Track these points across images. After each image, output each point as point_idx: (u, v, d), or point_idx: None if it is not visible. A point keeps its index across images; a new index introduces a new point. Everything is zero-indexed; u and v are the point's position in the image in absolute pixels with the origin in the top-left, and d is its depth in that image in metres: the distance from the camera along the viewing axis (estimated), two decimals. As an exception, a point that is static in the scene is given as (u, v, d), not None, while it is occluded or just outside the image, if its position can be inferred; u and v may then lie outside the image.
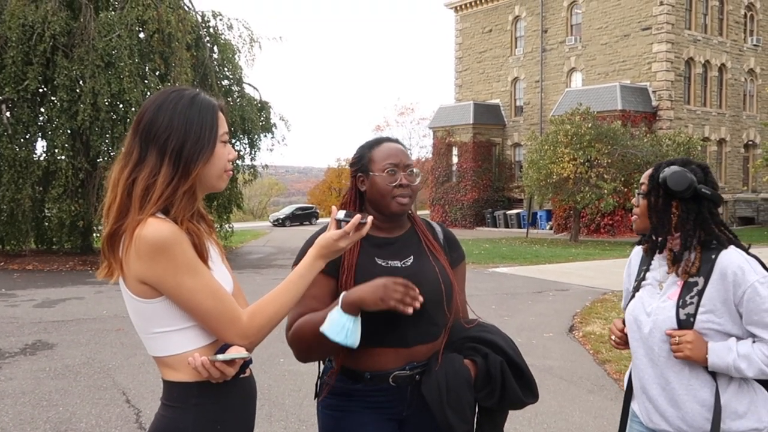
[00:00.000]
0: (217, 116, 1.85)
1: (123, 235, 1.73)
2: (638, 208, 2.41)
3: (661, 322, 2.31)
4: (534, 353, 7.55)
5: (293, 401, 5.93)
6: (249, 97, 22.39)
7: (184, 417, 1.77)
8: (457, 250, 2.45)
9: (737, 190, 35.61)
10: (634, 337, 2.43)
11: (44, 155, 18.45)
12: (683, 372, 2.29)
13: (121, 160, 1.81)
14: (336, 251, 1.90)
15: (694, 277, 2.29)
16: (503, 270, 16.85)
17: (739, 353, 2.20)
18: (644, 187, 2.39)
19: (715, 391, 2.25)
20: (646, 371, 2.38)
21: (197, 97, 1.85)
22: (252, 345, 1.80)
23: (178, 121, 1.78)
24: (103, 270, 1.82)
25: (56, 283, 14.55)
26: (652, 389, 2.37)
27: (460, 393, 2.11)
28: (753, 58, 36.17)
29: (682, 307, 2.28)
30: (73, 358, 7.48)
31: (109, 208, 1.78)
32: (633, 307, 2.45)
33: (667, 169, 2.32)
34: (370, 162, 2.28)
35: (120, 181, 1.77)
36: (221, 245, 1.99)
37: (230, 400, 1.82)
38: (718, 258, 2.27)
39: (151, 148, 1.77)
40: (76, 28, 17.55)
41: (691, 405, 2.28)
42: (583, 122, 25.71)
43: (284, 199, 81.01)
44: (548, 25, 36.57)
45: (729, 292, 2.22)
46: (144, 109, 1.82)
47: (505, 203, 37.94)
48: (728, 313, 2.24)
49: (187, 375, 1.77)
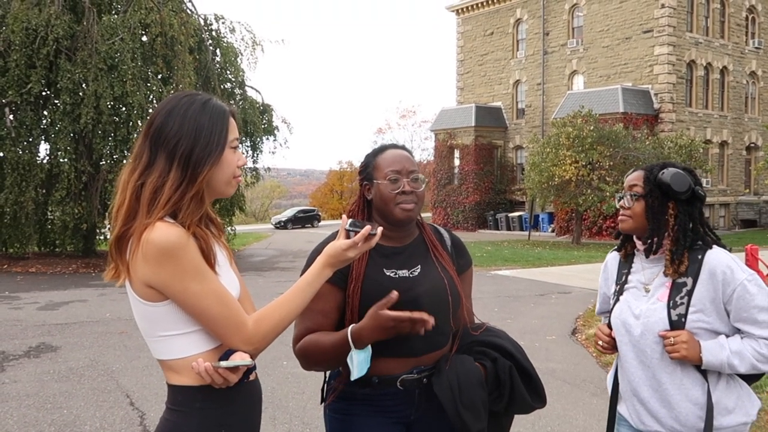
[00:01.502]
0: (228, 122, 1.85)
1: (131, 238, 1.73)
2: (629, 209, 2.41)
3: (653, 324, 2.33)
4: (537, 356, 7.55)
5: (297, 404, 5.94)
6: (251, 100, 22.44)
7: (188, 421, 1.77)
8: (464, 257, 2.45)
9: (739, 193, 35.58)
10: (623, 340, 2.44)
11: (47, 158, 18.48)
12: (675, 372, 2.32)
13: (130, 163, 1.82)
14: (344, 261, 1.90)
15: (682, 278, 2.32)
16: (505, 273, 16.85)
17: (732, 350, 2.25)
18: (638, 188, 2.40)
19: (706, 389, 2.29)
20: (636, 374, 2.39)
21: (209, 102, 1.85)
22: (257, 351, 1.80)
23: (188, 126, 1.78)
24: (111, 272, 1.82)
25: (59, 285, 14.57)
26: (643, 391, 2.38)
27: (473, 392, 2.12)
28: (755, 61, 36.16)
29: (673, 308, 2.31)
30: (76, 360, 7.50)
31: (117, 211, 1.78)
32: (620, 310, 2.46)
33: (666, 171, 2.35)
34: (374, 170, 2.29)
35: (129, 184, 1.77)
36: (230, 249, 1.99)
37: (235, 405, 1.81)
38: (705, 258, 2.32)
39: (160, 152, 1.77)
40: (79, 32, 17.59)
41: (684, 404, 2.30)
42: (584, 125, 25.72)
43: (286, 202, 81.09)
44: (550, 27, 36.59)
45: (718, 291, 2.28)
46: (155, 113, 1.83)
47: (506, 206, 37.93)
48: (716, 312, 2.30)
49: (190, 379, 1.77)
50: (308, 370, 2.25)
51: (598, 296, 2.77)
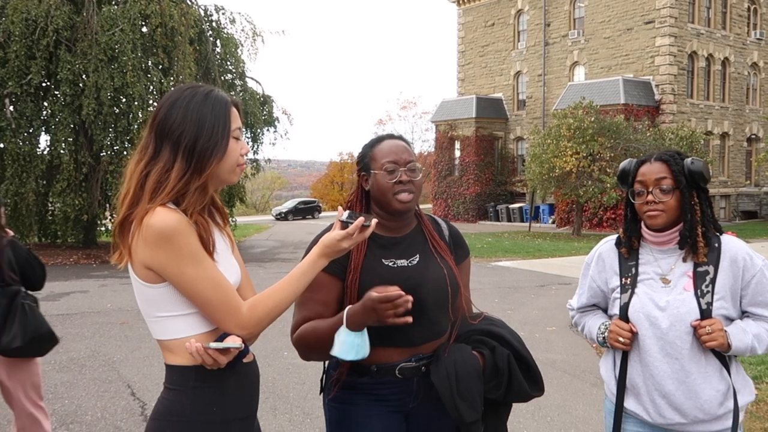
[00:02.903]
0: (230, 112, 1.91)
1: (133, 222, 1.81)
2: (661, 204, 2.33)
3: (684, 315, 2.30)
4: (537, 347, 7.57)
5: (297, 394, 5.96)
6: (252, 91, 22.39)
7: (182, 399, 1.84)
8: (462, 247, 2.46)
9: (740, 184, 35.55)
10: (646, 334, 2.36)
11: (48, 149, 18.47)
12: (701, 362, 2.32)
13: (137, 154, 1.89)
14: (339, 251, 1.93)
15: (703, 266, 2.33)
16: (506, 264, 16.87)
17: (753, 333, 2.29)
18: (668, 181, 2.33)
19: (725, 375, 2.32)
20: (661, 368, 2.34)
21: (211, 93, 1.90)
22: (250, 336, 1.87)
23: (191, 118, 1.85)
24: (116, 255, 1.91)
25: (60, 276, 14.60)
26: (667, 385, 2.34)
27: (470, 382, 2.13)
28: (756, 52, 36.06)
29: (702, 297, 2.30)
30: (78, 351, 7.53)
31: (123, 198, 1.85)
32: (641, 304, 2.38)
33: (690, 161, 2.35)
34: (371, 160, 2.29)
35: (135, 173, 1.85)
36: (233, 237, 2.05)
37: (227, 385, 1.87)
38: (722, 245, 2.35)
39: (165, 143, 1.85)
40: (78, 23, 17.55)
41: (708, 392, 2.31)
42: (585, 116, 25.67)
43: (287, 193, 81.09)
44: (551, 18, 36.48)
45: (738, 277, 2.32)
46: (159, 106, 1.90)
47: (507, 197, 37.91)
48: (732, 298, 2.33)
49: (186, 359, 1.84)
50: (306, 359, 2.26)
51: (582, 289, 2.67)
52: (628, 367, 2.45)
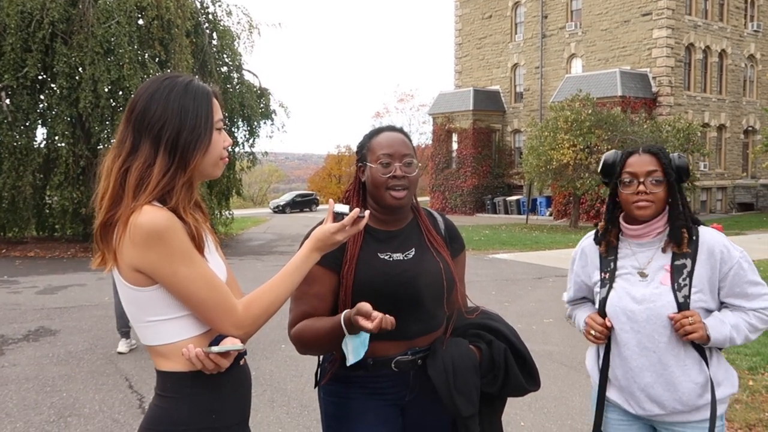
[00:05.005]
0: (212, 103, 1.83)
1: (117, 224, 1.71)
2: (651, 195, 2.34)
3: (660, 308, 2.32)
4: (534, 339, 7.60)
5: (295, 387, 5.98)
6: (248, 84, 22.33)
7: (179, 407, 1.76)
8: (458, 241, 2.45)
9: (737, 176, 35.59)
10: (623, 328, 2.39)
11: (44, 142, 18.44)
12: (680, 354, 2.34)
13: (113, 149, 1.79)
14: (332, 244, 1.89)
15: (681, 260, 2.35)
16: (503, 256, 16.89)
17: (731, 324, 2.31)
18: (658, 174, 2.35)
19: (704, 367, 2.34)
20: (638, 361, 2.37)
21: (191, 84, 1.81)
22: (247, 335, 1.79)
23: (173, 110, 1.76)
24: (97, 259, 1.82)
25: (58, 269, 14.60)
26: (645, 377, 2.37)
27: (467, 376, 2.13)
28: (753, 44, 36.03)
29: (678, 291, 2.32)
30: (75, 344, 7.53)
31: (102, 198, 1.77)
32: (618, 297, 2.41)
33: (677, 156, 2.39)
34: (368, 152, 2.26)
35: (113, 170, 1.76)
36: (215, 234, 1.97)
37: (224, 390, 1.81)
38: (700, 237, 2.37)
39: (144, 137, 1.75)
40: (74, 15, 17.47)
41: (686, 384, 2.33)
42: (583, 108, 25.65)
43: (284, 186, 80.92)
44: (548, 10, 36.39)
45: (715, 269, 2.34)
46: (137, 97, 1.80)
47: (504, 190, 37.89)
48: (710, 290, 2.35)
49: (180, 365, 1.75)
50: (304, 354, 2.26)
51: (570, 283, 2.71)
52: (610, 359, 2.48)
